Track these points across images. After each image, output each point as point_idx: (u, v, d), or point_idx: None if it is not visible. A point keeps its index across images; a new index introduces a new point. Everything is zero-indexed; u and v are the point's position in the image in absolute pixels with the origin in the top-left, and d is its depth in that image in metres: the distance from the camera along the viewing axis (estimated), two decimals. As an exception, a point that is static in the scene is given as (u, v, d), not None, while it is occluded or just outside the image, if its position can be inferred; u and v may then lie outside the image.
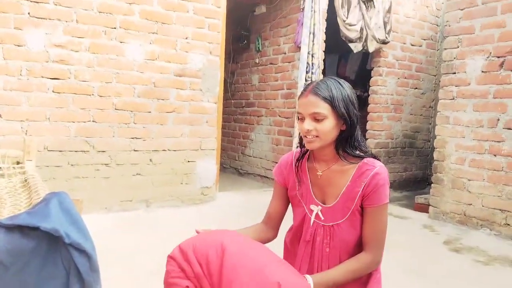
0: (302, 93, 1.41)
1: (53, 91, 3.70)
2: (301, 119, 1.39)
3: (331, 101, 1.33)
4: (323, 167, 1.44)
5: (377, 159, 1.42)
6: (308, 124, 1.36)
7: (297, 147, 1.54)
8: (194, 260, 1.22)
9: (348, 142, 1.39)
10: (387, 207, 1.39)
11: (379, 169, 1.37)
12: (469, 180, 4.24)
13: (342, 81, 1.40)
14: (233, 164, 6.85)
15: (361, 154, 1.40)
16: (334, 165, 1.42)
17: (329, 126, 1.35)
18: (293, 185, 1.51)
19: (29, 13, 3.52)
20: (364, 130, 5.74)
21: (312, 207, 1.44)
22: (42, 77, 3.65)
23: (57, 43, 3.66)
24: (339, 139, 1.39)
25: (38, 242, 1.28)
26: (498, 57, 4.00)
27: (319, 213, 1.43)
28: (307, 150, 1.49)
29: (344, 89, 1.37)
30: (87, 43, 3.78)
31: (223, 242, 1.22)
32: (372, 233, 1.38)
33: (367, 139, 5.70)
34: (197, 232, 1.43)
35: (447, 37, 4.46)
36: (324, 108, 1.34)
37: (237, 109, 6.74)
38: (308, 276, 1.28)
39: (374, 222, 1.38)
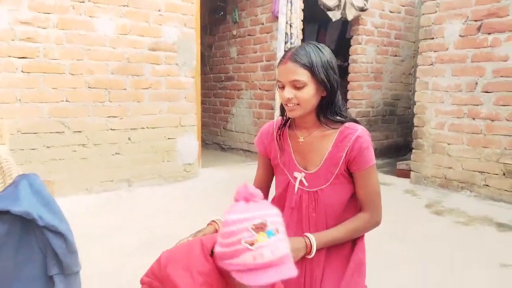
0: (281, 60, 1.37)
1: (22, 71, 3.53)
2: (281, 87, 1.35)
3: (310, 68, 1.30)
4: (304, 133, 1.43)
5: (358, 123, 1.41)
6: (289, 92, 1.33)
7: (279, 115, 1.50)
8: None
9: (329, 108, 1.37)
10: (375, 168, 1.41)
11: (361, 132, 1.36)
12: (448, 144, 4.30)
13: (321, 45, 1.36)
14: (215, 139, 6.79)
15: (342, 119, 1.39)
16: (316, 131, 1.41)
17: (310, 94, 1.32)
18: (275, 154, 1.49)
19: (-11, -12, 3.31)
20: (345, 100, 5.72)
21: (296, 174, 1.43)
22: (9, 56, 3.47)
23: (22, 20, 3.47)
24: (320, 105, 1.37)
25: (10, 226, 1.23)
26: (476, 20, 3.99)
27: (303, 179, 1.42)
28: (289, 118, 1.46)
29: (324, 54, 1.33)
30: (54, 19, 3.60)
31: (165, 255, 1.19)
32: (366, 195, 1.40)
33: (348, 108, 5.70)
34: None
35: (424, 2, 4.42)
36: (303, 75, 1.30)
37: (217, 83, 6.63)
38: (309, 234, 1.34)
39: (365, 185, 1.40)
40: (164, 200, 3.89)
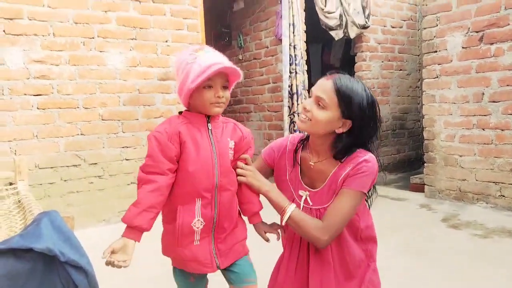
0: (327, 74, 1.39)
1: (37, 108, 3.66)
2: (310, 96, 1.39)
3: (341, 97, 1.31)
4: (315, 159, 1.44)
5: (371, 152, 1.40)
6: (308, 104, 1.36)
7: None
8: None
9: (347, 144, 1.37)
10: (360, 197, 1.35)
11: (369, 158, 1.36)
12: (460, 156, 4.28)
13: (369, 91, 1.36)
14: (227, 162, 6.83)
15: (356, 149, 1.39)
16: (326, 160, 1.42)
17: (325, 118, 1.33)
18: (283, 169, 1.51)
19: (4, 31, 3.46)
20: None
21: (301, 192, 1.46)
22: (25, 94, 3.60)
23: (36, 59, 3.62)
24: (337, 141, 1.38)
25: (34, 263, 1.28)
26: (477, 31, 4.03)
27: (308, 198, 1.43)
28: (306, 139, 1.49)
29: (366, 97, 1.34)
30: (66, 55, 3.74)
31: None
32: (331, 210, 1.34)
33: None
34: None
35: (425, 16, 4.48)
36: (329, 98, 1.32)
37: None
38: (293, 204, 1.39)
39: (338, 201, 1.34)
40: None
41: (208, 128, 1.37)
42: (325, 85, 1.33)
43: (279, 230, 1.44)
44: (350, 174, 1.34)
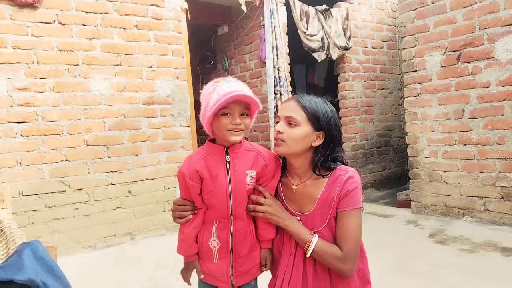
0: (287, 98, 1.46)
1: (21, 135, 3.63)
2: (277, 122, 1.43)
3: (308, 111, 1.36)
4: (297, 181, 1.45)
5: (350, 166, 1.45)
6: (280, 126, 1.40)
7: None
8: None
9: (324, 156, 1.40)
10: (359, 212, 1.38)
11: (352, 173, 1.39)
12: (444, 171, 4.35)
13: (328, 102, 1.44)
14: (214, 184, 6.80)
15: (335, 165, 1.42)
16: (308, 180, 1.43)
17: (299, 134, 1.36)
18: None
19: (-13, 60, 3.47)
20: (338, 135, 5.81)
21: None
22: (9, 122, 3.58)
23: (20, 87, 3.61)
24: (315, 155, 1.41)
25: (16, 295, 1.26)
26: (454, 51, 4.16)
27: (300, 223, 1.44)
28: (283, 165, 1.51)
29: (328, 107, 1.41)
30: (50, 83, 3.74)
31: None
32: (342, 237, 1.36)
33: (343, 143, 5.79)
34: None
35: (404, 37, 4.62)
36: (299, 115, 1.36)
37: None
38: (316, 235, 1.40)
39: (345, 225, 1.36)
40: (167, 251, 3.87)
41: (226, 160, 1.41)
42: (290, 105, 1.40)
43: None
44: (342, 195, 1.37)
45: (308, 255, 1.37)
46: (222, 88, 1.34)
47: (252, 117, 1.42)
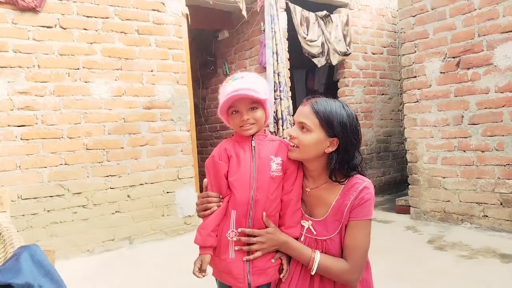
0: (303, 101, 1.44)
1: (21, 139, 3.64)
2: (293, 125, 1.45)
3: (322, 117, 1.34)
4: (311, 184, 1.45)
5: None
6: (293, 131, 1.40)
7: None
8: None
9: (340, 163, 1.38)
10: (369, 224, 1.38)
11: (368, 184, 1.39)
12: (443, 177, 4.35)
13: (347, 106, 1.40)
14: (214, 189, 6.79)
15: (353, 173, 1.41)
16: (324, 184, 1.43)
17: (311, 141, 1.35)
18: None
19: (-12, 64, 3.48)
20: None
21: (303, 222, 1.44)
22: (9, 125, 3.59)
23: (20, 90, 3.63)
24: (330, 161, 1.39)
25: (12, 299, 1.26)
26: (454, 57, 4.18)
27: (311, 227, 1.42)
28: None
29: (346, 113, 1.37)
30: (51, 86, 3.76)
31: None
32: (350, 247, 1.36)
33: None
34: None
35: (403, 43, 4.64)
36: (311, 121, 1.36)
37: (213, 133, 6.76)
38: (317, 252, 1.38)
39: (354, 236, 1.36)
40: (165, 255, 3.87)
41: (251, 145, 1.45)
42: (304, 111, 1.39)
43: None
44: (355, 204, 1.36)
45: (313, 273, 1.37)
46: (226, 89, 1.41)
47: (265, 107, 1.44)
